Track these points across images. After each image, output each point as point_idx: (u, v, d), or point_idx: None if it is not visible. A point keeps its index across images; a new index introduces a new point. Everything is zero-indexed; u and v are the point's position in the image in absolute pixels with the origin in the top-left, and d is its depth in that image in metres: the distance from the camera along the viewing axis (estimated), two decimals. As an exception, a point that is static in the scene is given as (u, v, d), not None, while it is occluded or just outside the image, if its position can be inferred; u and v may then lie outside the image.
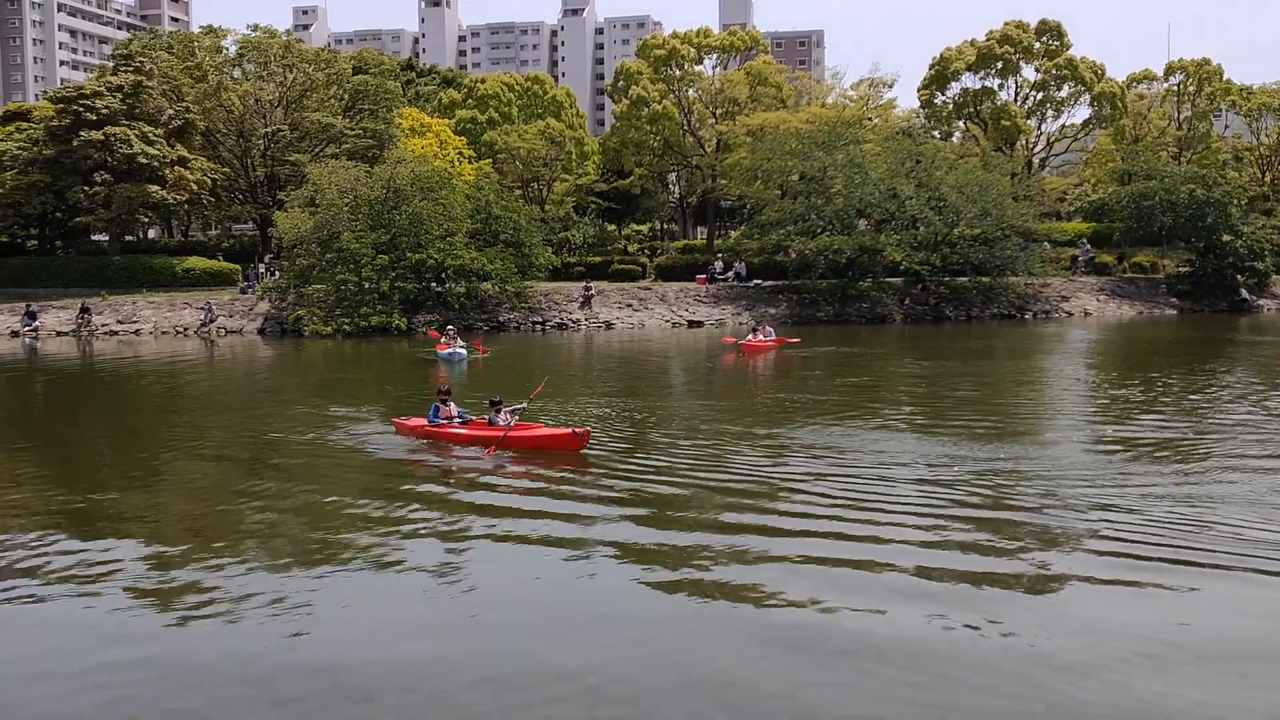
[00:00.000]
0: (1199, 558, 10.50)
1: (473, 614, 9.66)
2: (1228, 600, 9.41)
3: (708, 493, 13.93)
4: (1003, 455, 15.91)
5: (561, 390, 24.90)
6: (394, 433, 18.62)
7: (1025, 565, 10.50)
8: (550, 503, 13.85)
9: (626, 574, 10.64)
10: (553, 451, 16.64)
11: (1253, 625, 8.89)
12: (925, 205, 49.73)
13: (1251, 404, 21.68)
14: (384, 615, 9.58)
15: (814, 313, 48.34)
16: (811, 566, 10.51)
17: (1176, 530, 11.42)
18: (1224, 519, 11.86)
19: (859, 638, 8.72)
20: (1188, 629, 8.79)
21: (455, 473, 16.00)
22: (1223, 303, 52.34)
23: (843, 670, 8.13)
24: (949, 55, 65.60)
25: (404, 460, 16.94)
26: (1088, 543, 11.09)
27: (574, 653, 8.62)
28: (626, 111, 62.63)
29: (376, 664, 8.41)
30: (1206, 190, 52.87)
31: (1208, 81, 66.55)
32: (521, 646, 8.72)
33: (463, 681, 8.11)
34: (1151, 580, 9.94)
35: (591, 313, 48.27)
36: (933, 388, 25.90)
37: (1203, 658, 8.26)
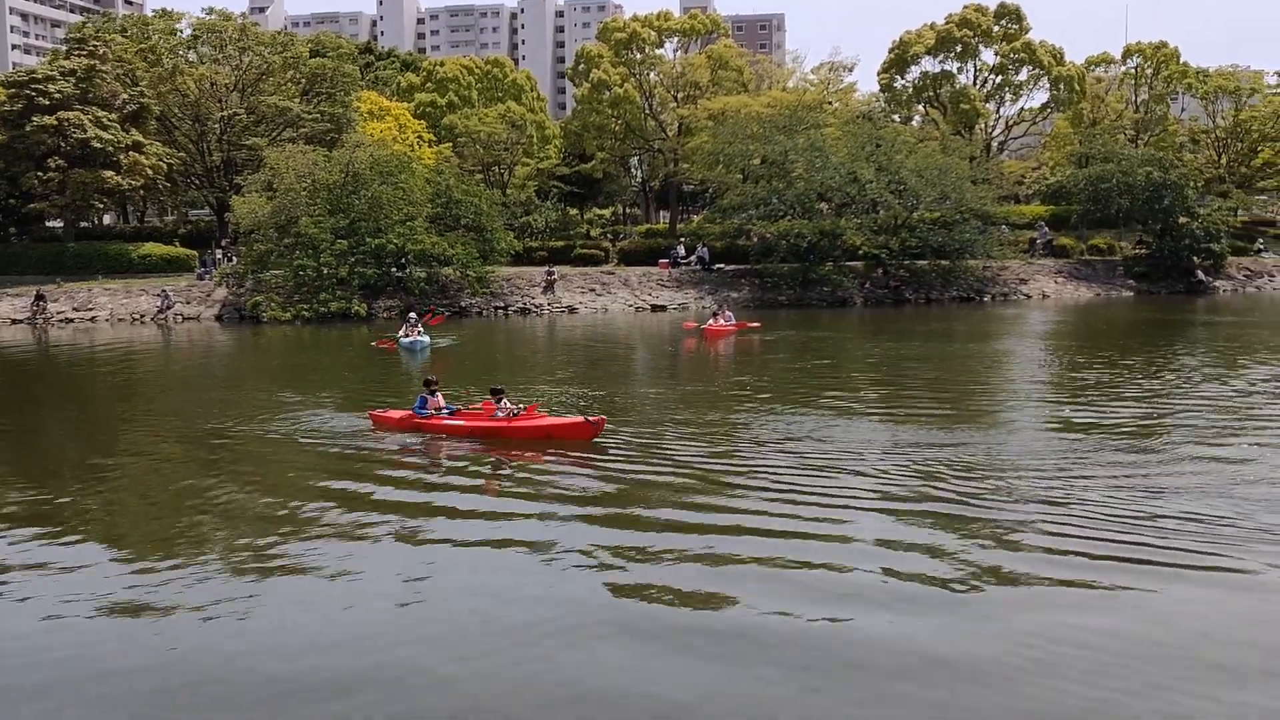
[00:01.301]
0: (1156, 555, 10.25)
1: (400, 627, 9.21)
2: (1185, 602, 9.16)
3: (666, 485, 13.82)
4: (963, 442, 15.93)
5: (525, 377, 24.83)
6: (370, 427, 17.86)
7: (983, 565, 10.19)
8: (515, 501, 13.65)
9: (582, 579, 10.22)
10: (564, 441, 16.19)
11: (1209, 629, 8.64)
12: (885, 189, 49.93)
13: (1210, 387, 21.97)
14: (319, 620, 9.27)
15: (776, 296, 48.47)
16: (764, 567, 10.24)
17: (1136, 526, 11.18)
18: (1184, 512, 11.62)
19: (815, 641, 8.51)
20: (1140, 633, 8.56)
21: (431, 467, 15.59)
22: (1179, 284, 52.98)
23: (798, 675, 7.94)
24: (908, 39, 65.83)
25: (380, 452, 16.36)
26: (1044, 540, 10.76)
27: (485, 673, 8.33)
28: (588, 95, 62.37)
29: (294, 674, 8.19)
30: (1163, 173, 53.44)
31: (1165, 65, 67.16)
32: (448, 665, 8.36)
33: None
34: (1107, 581, 9.61)
35: (554, 297, 48.12)
36: (893, 372, 26.05)
37: (1154, 662, 8.01)
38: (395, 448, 16.60)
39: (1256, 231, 63.94)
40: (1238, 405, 19.22)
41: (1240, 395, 20.45)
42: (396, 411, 18.17)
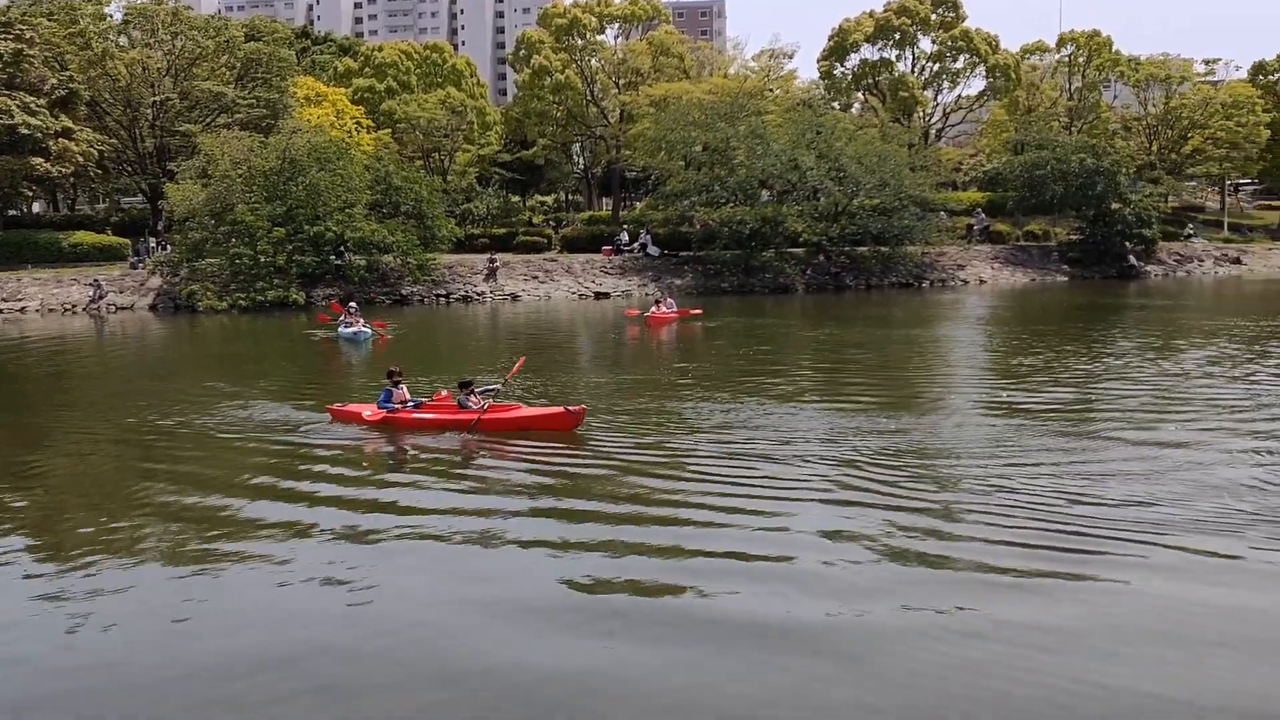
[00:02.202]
0: (1093, 545, 10.21)
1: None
2: (1116, 592, 9.10)
3: (609, 475, 13.83)
4: (904, 429, 16.06)
5: (469, 366, 24.67)
6: (329, 421, 17.22)
7: (921, 556, 10.15)
8: (461, 496, 13.61)
9: (525, 571, 10.16)
10: (543, 432, 15.93)
11: (1148, 622, 8.57)
12: (826, 176, 50.28)
13: (1144, 372, 22.42)
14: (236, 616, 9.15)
15: (718, 283, 48.64)
16: (703, 559, 10.19)
17: (1071, 512, 11.19)
18: (1119, 499, 11.70)
19: (754, 631, 8.46)
20: (1080, 626, 8.45)
21: (384, 462, 15.32)
22: (1112, 269, 54.02)
23: (735, 665, 7.91)
24: (848, 27, 66.25)
25: (333, 447, 15.96)
26: (983, 530, 10.64)
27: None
28: (529, 81, 62.01)
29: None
30: (1096, 159, 54.41)
31: (1097, 53, 68.27)
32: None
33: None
34: (1041, 568, 9.63)
35: (497, 285, 47.88)
36: (834, 358, 26.27)
37: (1085, 652, 7.97)
38: (349, 442, 16.14)
39: (1186, 217, 65.39)
40: (1172, 390, 19.63)
41: (1174, 379, 20.89)
42: (358, 405, 17.57)
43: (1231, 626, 8.41)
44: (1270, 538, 10.29)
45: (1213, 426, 15.84)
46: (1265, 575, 9.52)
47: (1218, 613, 8.68)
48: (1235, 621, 8.50)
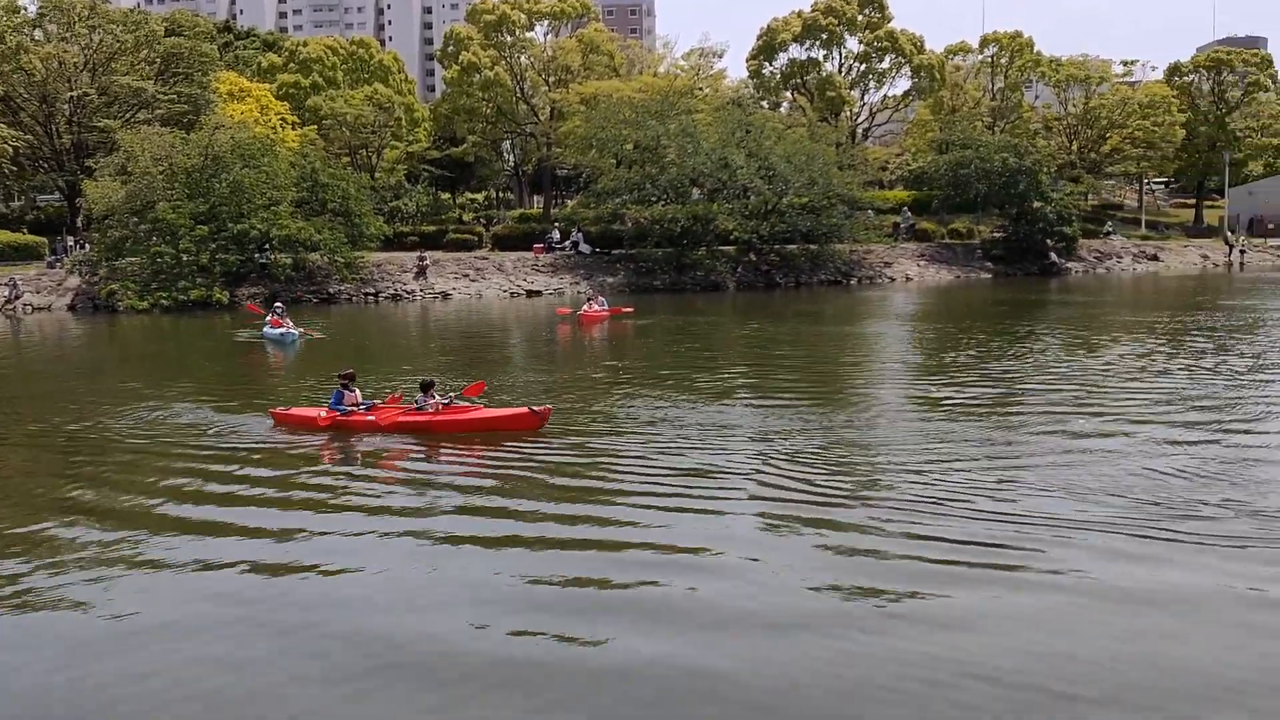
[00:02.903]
0: (1013, 541, 10.22)
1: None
2: (1044, 590, 9.07)
3: (539, 474, 13.78)
4: (831, 426, 16.20)
5: (400, 366, 24.42)
6: (271, 425, 16.75)
7: (849, 554, 10.09)
8: (394, 495, 13.50)
9: (452, 575, 10.03)
10: (507, 433, 15.71)
11: (1067, 619, 8.55)
12: (755, 174, 50.64)
13: (1065, 367, 22.91)
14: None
15: (650, 281, 48.74)
16: (630, 558, 10.12)
17: (995, 512, 11.15)
18: (1043, 493, 11.74)
19: (676, 626, 8.43)
20: (998, 623, 8.38)
21: (341, 467, 14.89)
22: (1034, 266, 55.17)
23: (657, 659, 7.86)
24: (776, 26, 66.80)
25: (274, 450, 15.57)
26: (901, 542, 10.37)
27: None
28: (457, 78, 61.55)
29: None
30: (1018, 159, 55.52)
31: (1019, 54, 69.67)
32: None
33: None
34: (968, 567, 9.58)
35: (427, 283, 47.46)
36: (765, 355, 26.47)
37: (1007, 660, 7.82)
38: (296, 447, 15.68)
39: (1105, 215, 67.08)
40: (1092, 384, 20.08)
41: (1094, 374, 21.38)
42: (307, 409, 17.16)
43: (1146, 621, 8.47)
44: (1186, 531, 10.48)
45: (1131, 420, 16.22)
46: (1183, 569, 9.61)
47: (1130, 608, 8.70)
48: (1149, 615, 8.57)
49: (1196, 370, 21.36)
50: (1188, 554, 9.88)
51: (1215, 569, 9.47)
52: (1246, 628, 8.26)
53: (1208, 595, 8.88)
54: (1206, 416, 16.37)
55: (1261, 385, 20.04)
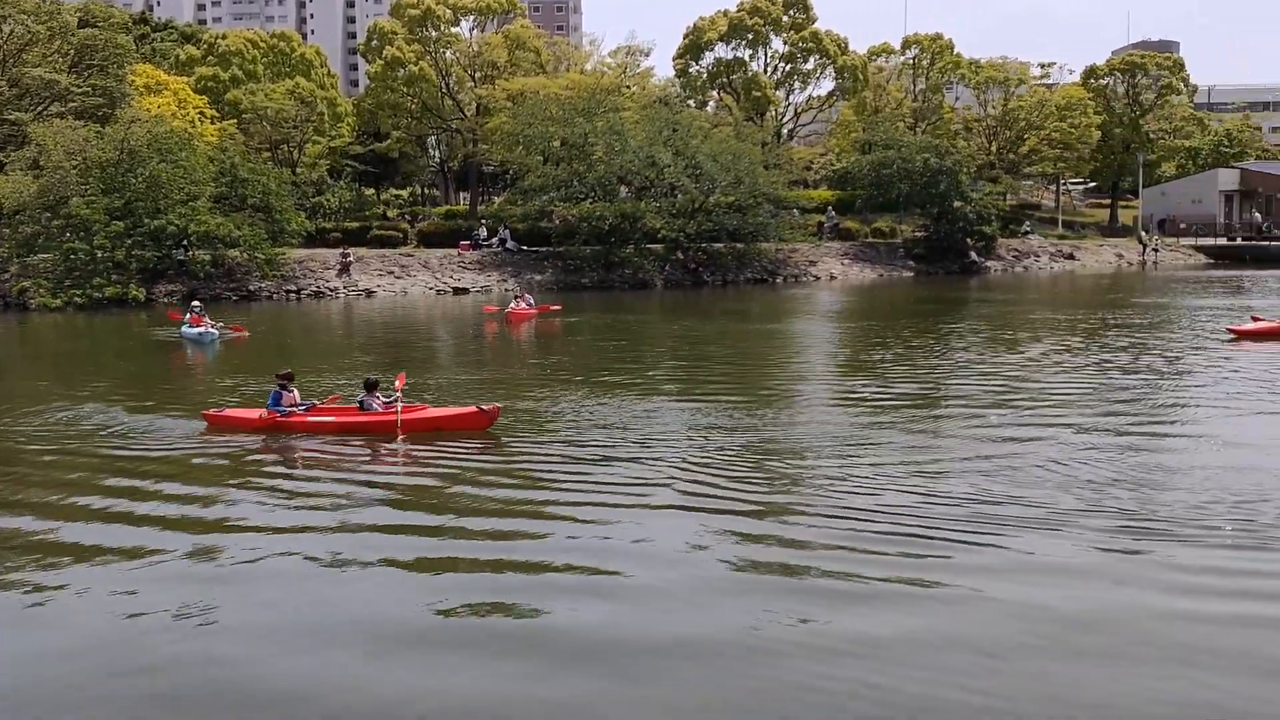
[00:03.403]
0: (935, 549, 10.13)
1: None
2: (966, 600, 8.98)
3: (464, 475, 13.64)
4: (757, 425, 16.30)
5: (321, 364, 24.05)
6: (205, 428, 16.23)
7: (767, 564, 9.98)
8: (300, 498, 13.27)
9: (367, 580, 9.92)
10: (455, 433, 15.50)
11: (988, 630, 8.53)
12: (682, 173, 50.80)
13: (987, 365, 23.35)
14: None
15: (579, 279, 48.65)
16: (546, 571, 9.90)
17: (918, 516, 11.15)
18: (966, 496, 11.74)
19: (592, 648, 8.15)
20: (918, 636, 8.24)
21: (275, 470, 14.53)
22: (954, 265, 56.14)
23: (573, 682, 7.68)
24: (702, 25, 67.04)
25: (207, 454, 15.09)
26: (816, 554, 10.27)
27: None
28: (381, 72, 60.74)
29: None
30: (939, 159, 56.44)
31: (940, 56, 70.78)
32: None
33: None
34: (889, 575, 9.52)
35: (350, 280, 46.83)
36: (692, 353, 26.58)
37: (923, 651, 7.91)
38: (230, 450, 15.20)
39: (1023, 214, 68.47)
40: (1011, 383, 20.49)
41: (1014, 373, 21.82)
42: (242, 410, 16.76)
43: (1066, 631, 8.33)
44: (1104, 532, 10.59)
45: (1049, 420, 16.52)
46: (1101, 575, 9.61)
47: (1049, 615, 8.60)
48: (1068, 631, 8.40)
49: (1111, 369, 21.90)
50: (1100, 557, 9.97)
51: (1127, 574, 9.52)
52: (1155, 643, 8.15)
53: (1121, 605, 8.78)
54: (1121, 415, 16.79)
55: (1174, 383, 20.64)
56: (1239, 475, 12.58)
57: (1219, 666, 7.67)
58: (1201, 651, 7.90)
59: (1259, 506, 11.30)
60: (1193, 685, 7.43)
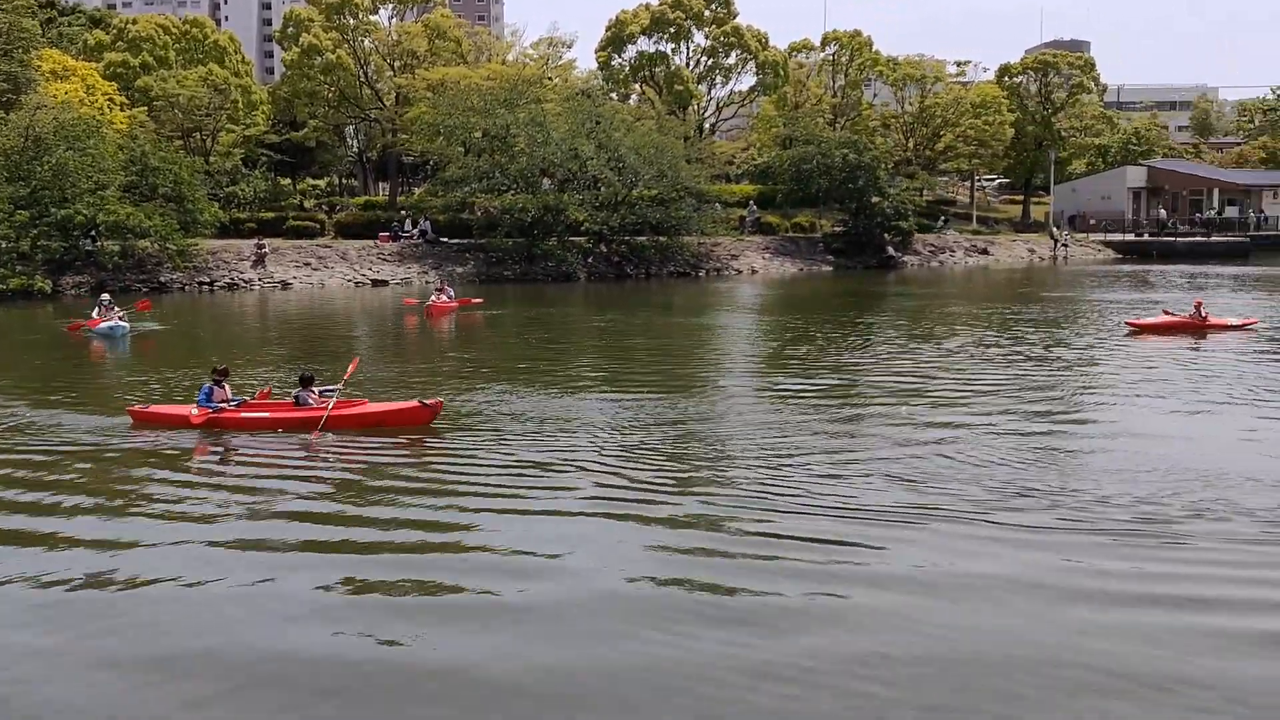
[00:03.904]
0: (844, 555, 10.08)
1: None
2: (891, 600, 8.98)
3: (382, 472, 13.51)
4: (679, 420, 16.33)
5: (229, 360, 23.54)
6: (130, 425, 15.73)
7: (683, 567, 9.84)
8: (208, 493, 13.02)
9: (286, 584, 9.79)
10: (398, 428, 15.29)
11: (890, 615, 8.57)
12: (605, 166, 50.72)
13: (905, 359, 23.71)
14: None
15: (501, 271, 48.32)
16: (456, 576, 9.65)
17: (839, 512, 11.21)
18: (878, 502, 11.66)
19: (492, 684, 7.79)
20: (842, 647, 8.13)
21: (202, 468, 14.13)
22: (873, 259, 56.89)
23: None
24: (624, 18, 66.97)
25: (134, 452, 14.64)
26: (735, 540, 10.36)
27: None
28: (297, 60, 59.59)
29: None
30: (858, 155, 57.11)
31: (859, 53, 71.58)
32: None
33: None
34: (795, 579, 9.44)
35: (265, 272, 45.93)
36: (615, 347, 26.58)
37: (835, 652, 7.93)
38: (160, 447, 14.70)
39: (940, 210, 69.63)
40: (927, 374, 20.86)
41: (930, 364, 22.21)
42: (170, 406, 16.30)
43: (974, 618, 8.48)
44: (1012, 520, 10.81)
45: (964, 410, 16.93)
46: (1007, 561, 9.78)
47: (959, 604, 8.75)
48: (980, 611, 8.59)
49: (1020, 363, 22.40)
50: (1010, 545, 10.15)
51: (1040, 561, 9.72)
52: (1063, 623, 8.37)
53: (1031, 587, 9.09)
54: (1028, 410, 17.16)
55: (1078, 377, 21.18)
56: (1141, 470, 12.91)
57: (1120, 670, 7.66)
58: (1105, 655, 7.88)
59: (1163, 501, 11.58)
60: (1094, 693, 7.40)
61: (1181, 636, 8.18)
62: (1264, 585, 9.24)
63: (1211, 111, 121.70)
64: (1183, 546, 10.21)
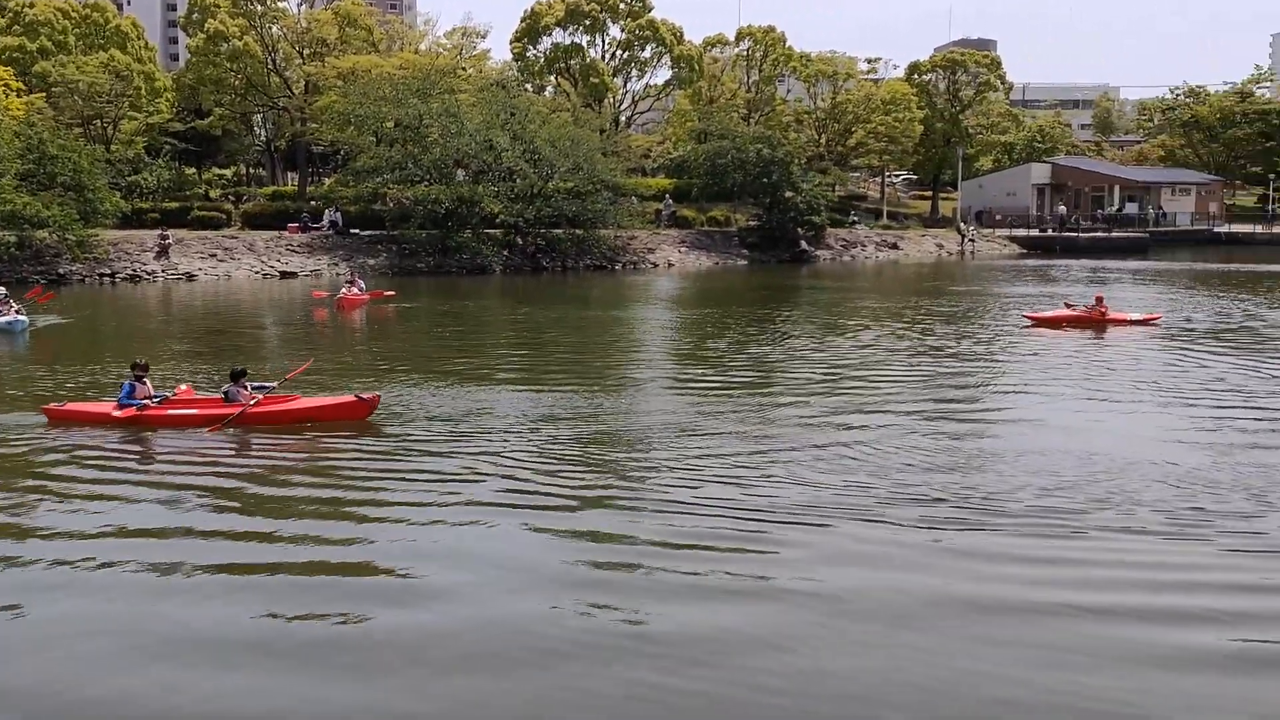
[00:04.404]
0: (763, 543, 10.16)
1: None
2: (791, 595, 8.94)
3: (289, 471, 13.27)
4: (594, 413, 16.34)
5: (134, 354, 22.89)
6: (45, 424, 15.11)
7: (591, 563, 9.81)
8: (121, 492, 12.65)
9: (189, 591, 9.58)
10: (332, 423, 14.96)
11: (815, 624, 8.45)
12: (521, 158, 50.41)
13: (820, 352, 23.98)
14: None
15: (414, 263, 47.75)
16: (351, 578, 9.54)
17: (747, 506, 11.17)
18: (793, 484, 11.86)
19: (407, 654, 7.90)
20: (748, 632, 8.15)
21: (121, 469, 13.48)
22: (786, 253, 57.47)
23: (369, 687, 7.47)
24: (539, 9, 66.62)
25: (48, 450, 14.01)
26: (641, 550, 10.16)
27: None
28: (203, 47, 58.12)
29: None
30: (772, 150, 57.64)
31: (772, 48, 72.21)
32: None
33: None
34: (717, 570, 9.43)
35: (170, 263, 44.74)
36: (531, 340, 26.42)
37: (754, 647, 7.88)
38: (74, 447, 14.12)
39: (851, 205, 70.67)
40: (838, 368, 21.12)
41: (843, 361, 22.50)
42: (88, 404, 15.74)
43: (870, 625, 8.43)
44: (918, 520, 10.84)
45: (868, 407, 17.11)
46: (911, 564, 9.76)
47: (856, 608, 8.72)
48: (873, 618, 8.52)
49: (924, 356, 22.83)
50: (911, 546, 10.09)
51: (940, 566, 9.61)
52: (960, 635, 8.24)
53: (933, 596, 8.91)
54: (932, 402, 17.49)
55: (979, 369, 21.64)
56: (1037, 461, 13.17)
57: (1016, 658, 7.75)
58: (998, 644, 7.99)
59: (1057, 493, 11.78)
60: (987, 679, 7.47)
61: (1080, 652, 7.90)
62: (1163, 590, 9.12)
63: (1113, 110, 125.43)
64: (1083, 543, 10.22)
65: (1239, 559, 9.94)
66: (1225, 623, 8.47)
